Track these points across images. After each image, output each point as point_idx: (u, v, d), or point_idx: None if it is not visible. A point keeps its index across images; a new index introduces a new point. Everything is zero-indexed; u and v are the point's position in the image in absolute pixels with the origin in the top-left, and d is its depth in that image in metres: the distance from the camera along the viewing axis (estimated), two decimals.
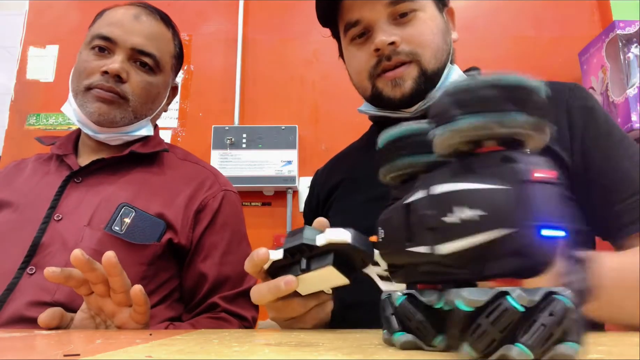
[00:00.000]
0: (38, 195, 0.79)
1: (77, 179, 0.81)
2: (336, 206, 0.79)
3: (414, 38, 0.68)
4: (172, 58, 0.90)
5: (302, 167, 1.90)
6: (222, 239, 0.83)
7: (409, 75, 0.68)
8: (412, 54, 0.68)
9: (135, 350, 0.31)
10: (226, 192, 0.88)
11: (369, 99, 0.75)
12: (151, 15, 0.86)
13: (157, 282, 0.78)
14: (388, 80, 0.69)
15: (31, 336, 0.45)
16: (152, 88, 0.85)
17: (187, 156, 0.94)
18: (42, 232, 0.74)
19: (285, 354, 0.29)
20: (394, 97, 0.70)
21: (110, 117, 0.81)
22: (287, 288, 0.46)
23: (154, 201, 0.80)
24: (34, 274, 0.71)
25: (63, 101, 0.87)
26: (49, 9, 2.17)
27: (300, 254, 0.47)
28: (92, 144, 0.87)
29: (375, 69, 0.70)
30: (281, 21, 2.12)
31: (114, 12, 0.85)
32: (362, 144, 0.86)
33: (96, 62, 0.81)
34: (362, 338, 0.39)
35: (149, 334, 0.46)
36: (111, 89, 0.80)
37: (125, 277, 0.56)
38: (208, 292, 0.80)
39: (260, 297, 0.49)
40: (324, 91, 2.02)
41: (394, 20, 0.69)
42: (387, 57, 0.68)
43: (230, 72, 2.04)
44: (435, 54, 0.70)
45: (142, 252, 0.76)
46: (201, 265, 0.81)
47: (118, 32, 0.81)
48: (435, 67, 0.70)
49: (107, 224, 0.75)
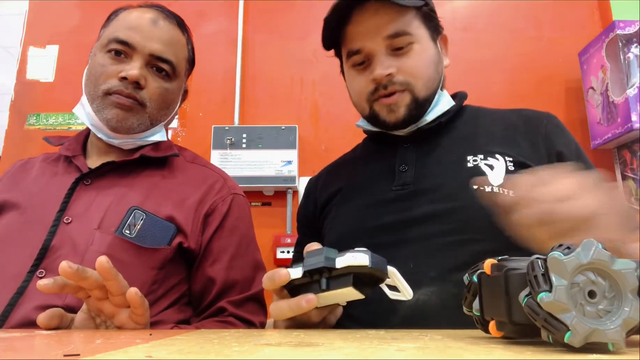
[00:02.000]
0: (46, 197, 0.78)
1: (86, 181, 0.80)
2: (335, 211, 0.82)
3: (408, 69, 0.75)
4: (186, 63, 0.89)
5: (302, 167, 1.90)
6: (231, 243, 0.83)
7: (402, 102, 0.75)
8: (406, 83, 0.75)
9: (135, 350, 0.31)
10: (235, 196, 0.87)
11: (366, 118, 0.82)
12: (168, 19, 0.85)
13: (168, 286, 0.77)
14: (384, 105, 0.76)
15: (31, 336, 0.45)
16: (168, 94, 0.85)
17: (196, 159, 0.93)
18: (52, 235, 0.73)
19: (285, 354, 0.29)
20: (389, 121, 0.77)
21: (128, 123, 0.80)
22: (308, 306, 0.50)
23: (164, 205, 0.79)
24: (44, 277, 0.70)
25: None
26: (49, 9, 2.17)
27: (320, 274, 0.50)
28: (102, 146, 0.86)
29: (373, 94, 0.77)
30: (281, 21, 2.12)
31: (131, 15, 0.84)
32: (357, 156, 0.91)
33: (113, 67, 0.80)
34: (362, 338, 0.39)
35: (149, 334, 0.47)
36: (130, 95, 0.79)
37: (121, 279, 0.55)
38: (216, 297, 0.80)
39: (282, 314, 0.53)
40: (324, 91, 2.02)
41: (391, 51, 0.76)
42: (384, 86, 0.75)
43: (230, 72, 2.04)
44: (426, 83, 0.77)
45: (152, 256, 0.75)
46: (209, 269, 0.80)
47: (137, 38, 0.80)
48: (426, 95, 0.77)
49: (117, 228, 0.74)
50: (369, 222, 0.74)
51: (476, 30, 2.06)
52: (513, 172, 0.70)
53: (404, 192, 0.74)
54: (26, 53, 2.11)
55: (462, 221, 0.67)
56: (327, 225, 0.82)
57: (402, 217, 0.71)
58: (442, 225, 0.68)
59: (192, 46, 0.92)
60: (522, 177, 0.50)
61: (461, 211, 0.68)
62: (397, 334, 0.43)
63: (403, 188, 0.74)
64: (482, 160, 0.72)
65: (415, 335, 0.42)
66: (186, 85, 0.94)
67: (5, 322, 0.67)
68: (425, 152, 0.78)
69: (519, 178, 0.50)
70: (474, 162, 0.72)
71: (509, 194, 0.66)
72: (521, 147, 0.74)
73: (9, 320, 0.67)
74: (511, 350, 0.30)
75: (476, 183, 0.69)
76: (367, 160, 0.87)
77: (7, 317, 0.67)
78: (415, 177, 0.75)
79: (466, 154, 0.74)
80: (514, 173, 0.70)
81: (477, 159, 0.73)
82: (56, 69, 2.08)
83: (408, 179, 0.75)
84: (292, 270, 0.52)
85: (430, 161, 0.76)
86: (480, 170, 0.71)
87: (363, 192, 0.79)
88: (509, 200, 0.50)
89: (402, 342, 0.36)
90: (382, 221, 0.73)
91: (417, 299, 0.64)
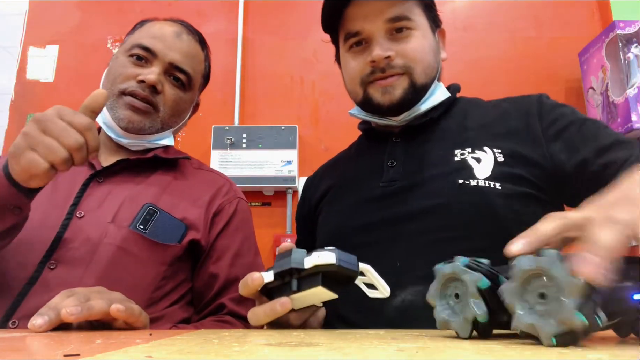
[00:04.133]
0: (59, 191, 0.80)
1: (99, 179, 0.82)
2: (327, 209, 0.82)
3: (407, 53, 0.74)
4: (202, 77, 0.93)
5: (302, 167, 1.90)
6: (234, 242, 0.86)
7: (399, 85, 0.74)
8: (405, 67, 0.74)
9: (135, 350, 0.31)
10: (240, 201, 0.92)
11: (359, 104, 0.80)
12: (191, 35, 0.89)
13: (175, 282, 0.80)
14: (379, 87, 0.75)
15: (31, 336, 0.45)
16: (181, 102, 0.88)
17: (201, 165, 0.97)
18: (65, 228, 0.74)
19: (285, 354, 0.29)
20: (382, 103, 0.75)
21: (140, 125, 0.83)
22: (283, 309, 0.50)
23: (177, 203, 0.82)
24: (55, 268, 0.71)
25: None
26: (49, 9, 2.17)
27: (290, 276, 0.50)
28: (112, 146, 0.88)
29: (368, 77, 0.75)
30: (281, 21, 2.12)
31: (156, 26, 0.88)
32: (351, 153, 0.90)
33: (133, 69, 0.83)
34: (362, 338, 0.39)
35: (149, 334, 0.47)
36: (146, 97, 0.82)
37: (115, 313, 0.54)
38: (217, 293, 0.82)
39: (258, 320, 0.53)
40: (324, 91, 2.02)
41: (390, 35, 0.74)
42: (382, 70, 0.74)
43: (230, 72, 2.04)
44: (425, 69, 0.75)
45: (164, 252, 0.77)
46: (213, 266, 0.83)
47: (159, 46, 0.84)
48: (424, 82, 0.75)
49: (132, 222, 0.76)
50: (356, 221, 0.74)
51: (476, 30, 2.06)
52: (502, 163, 0.68)
53: (391, 188, 0.73)
54: (26, 53, 2.11)
55: (447, 218, 0.66)
56: (319, 224, 0.82)
57: (387, 214, 0.70)
58: (427, 223, 0.67)
59: (210, 63, 0.96)
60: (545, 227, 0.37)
61: (446, 208, 0.67)
62: (397, 334, 0.43)
63: (389, 184, 0.73)
64: (470, 153, 0.70)
65: (415, 335, 0.42)
66: (198, 99, 0.98)
67: (16, 311, 0.68)
68: (414, 147, 0.76)
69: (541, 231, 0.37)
70: (461, 155, 0.71)
71: (496, 187, 0.66)
72: (515, 133, 0.72)
73: (19, 309, 0.68)
74: (511, 350, 0.30)
75: (461, 177, 0.67)
76: (359, 156, 0.86)
77: (17, 307, 0.68)
78: (402, 173, 0.74)
79: (454, 147, 0.72)
80: (503, 165, 0.68)
81: (465, 153, 0.71)
82: (56, 69, 2.08)
83: (396, 175, 0.74)
84: (265, 274, 0.52)
85: (419, 156, 0.75)
86: (466, 164, 0.69)
87: (352, 189, 0.79)
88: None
89: (402, 342, 0.36)
90: (368, 219, 0.72)
91: (403, 298, 0.64)
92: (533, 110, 0.73)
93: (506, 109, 0.76)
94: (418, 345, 0.33)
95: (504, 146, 0.70)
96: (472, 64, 1.99)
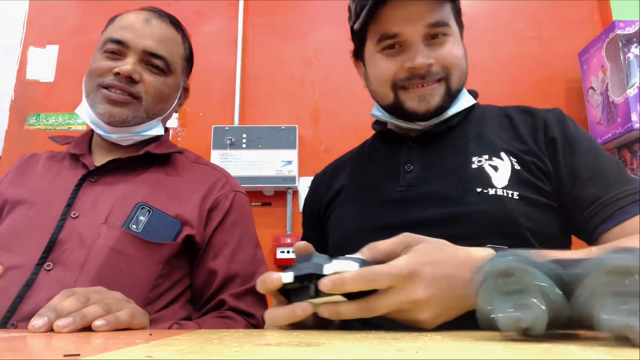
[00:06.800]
0: (53, 192, 0.80)
1: (92, 179, 0.83)
2: (340, 209, 0.82)
3: (446, 60, 0.73)
4: (182, 60, 0.92)
5: (302, 167, 1.90)
6: (232, 238, 0.85)
7: (437, 92, 0.74)
8: (444, 73, 0.73)
9: (135, 350, 0.31)
10: (237, 194, 0.90)
11: (386, 106, 0.79)
12: (161, 19, 0.88)
13: (172, 281, 0.80)
14: (415, 95, 0.74)
15: (31, 336, 0.45)
16: (164, 88, 0.87)
17: (198, 159, 0.96)
18: (59, 229, 0.75)
19: (285, 354, 0.29)
20: (418, 111, 0.74)
21: (122, 117, 0.82)
22: (303, 314, 0.49)
23: (170, 200, 0.82)
24: (52, 270, 0.72)
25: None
26: (49, 9, 2.17)
27: (309, 280, 0.49)
28: (106, 145, 0.88)
29: (403, 82, 0.74)
30: (281, 21, 2.12)
31: (126, 17, 0.87)
32: (364, 153, 0.89)
33: (107, 63, 0.83)
34: (362, 338, 0.39)
35: (149, 334, 0.47)
36: (124, 88, 0.82)
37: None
38: (217, 289, 0.82)
39: (277, 322, 0.52)
40: (324, 91, 2.02)
41: (427, 40, 0.73)
42: (421, 76, 0.73)
43: (230, 72, 2.04)
44: (460, 76, 0.76)
45: (158, 251, 0.77)
46: (211, 262, 0.82)
47: (129, 36, 0.83)
48: (458, 87, 0.76)
49: (124, 222, 0.76)
50: (373, 222, 0.74)
51: (476, 30, 2.06)
52: (519, 171, 0.69)
53: (409, 193, 0.73)
54: (26, 53, 2.11)
55: (466, 226, 0.67)
56: (332, 223, 0.82)
57: (406, 219, 0.71)
58: (445, 230, 0.67)
59: (189, 45, 0.94)
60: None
61: (464, 216, 0.67)
62: (397, 334, 0.43)
63: (408, 189, 0.74)
64: (487, 160, 0.71)
65: (415, 335, 0.42)
66: (187, 83, 0.96)
67: (15, 313, 0.68)
68: (431, 152, 0.77)
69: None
70: (478, 163, 0.71)
71: (514, 197, 0.66)
72: (526, 143, 0.73)
73: (18, 312, 0.68)
74: (511, 350, 0.30)
75: (479, 186, 0.68)
76: (373, 157, 0.86)
77: (16, 309, 0.69)
78: (420, 178, 0.74)
79: (471, 154, 0.73)
80: (519, 173, 0.69)
81: (482, 160, 0.71)
82: (56, 69, 2.08)
83: (413, 180, 0.74)
84: (284, 275, 0.51)
85: (436, 162, 0.75)
86: (484, 172, 0.70)
87: (368, 190, 0.79)
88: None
89: (402, 342, 0.36)
90: (386, 221, 0.72)
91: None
92: (540, 123, 0.74)
93: (520, 120, 0.77)
94: (418, 345, 0.33)
95: (519, 154, 0.71)
96: (472, 63, 1.97)
